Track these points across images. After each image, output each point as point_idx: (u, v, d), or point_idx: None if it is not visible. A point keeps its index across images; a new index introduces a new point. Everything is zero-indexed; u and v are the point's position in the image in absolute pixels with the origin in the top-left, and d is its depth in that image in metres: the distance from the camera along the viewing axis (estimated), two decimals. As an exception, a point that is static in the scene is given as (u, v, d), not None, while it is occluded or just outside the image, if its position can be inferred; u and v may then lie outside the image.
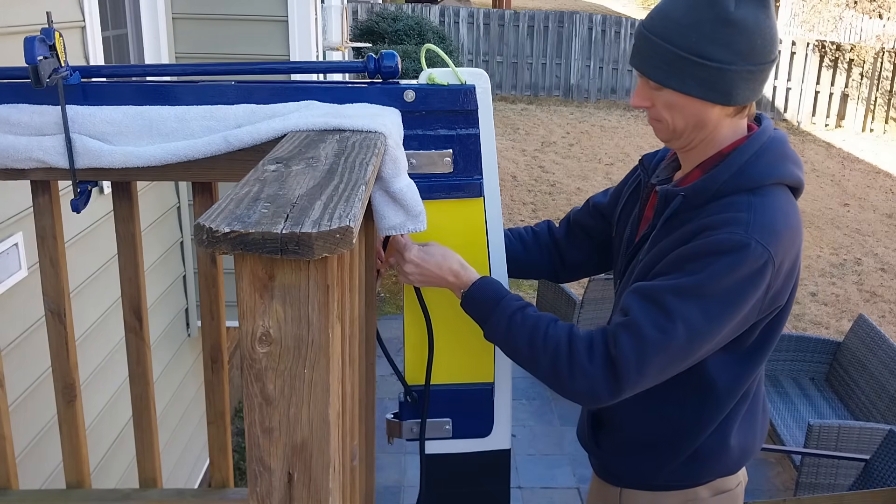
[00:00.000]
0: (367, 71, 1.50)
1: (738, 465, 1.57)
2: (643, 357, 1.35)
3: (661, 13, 1.40)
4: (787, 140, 1.48)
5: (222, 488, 1.79)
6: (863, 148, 11.56)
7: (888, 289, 6.74)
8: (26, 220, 2.12)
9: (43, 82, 1.32)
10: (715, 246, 1.34)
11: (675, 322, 1.34)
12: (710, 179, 1.41)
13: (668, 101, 1.41)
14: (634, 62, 1.44)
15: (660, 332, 1.34)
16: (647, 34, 1.40)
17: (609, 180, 9.31)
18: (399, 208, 1.38)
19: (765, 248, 1.33)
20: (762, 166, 1.40)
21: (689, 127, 1.42)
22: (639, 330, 1.35)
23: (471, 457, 1.73)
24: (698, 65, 1.35)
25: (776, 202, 1.39)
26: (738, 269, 1.33)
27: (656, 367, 1.36)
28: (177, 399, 3.48)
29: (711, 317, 1.34)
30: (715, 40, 1.34)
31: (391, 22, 8.94)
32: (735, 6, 1.34)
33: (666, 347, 1.35)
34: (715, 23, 1.34)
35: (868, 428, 3.43)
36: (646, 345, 1.35)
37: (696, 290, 1.34)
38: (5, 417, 1.63)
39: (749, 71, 1.37)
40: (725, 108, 1.40)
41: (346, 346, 1.16)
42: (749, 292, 1.34)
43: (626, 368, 1.35)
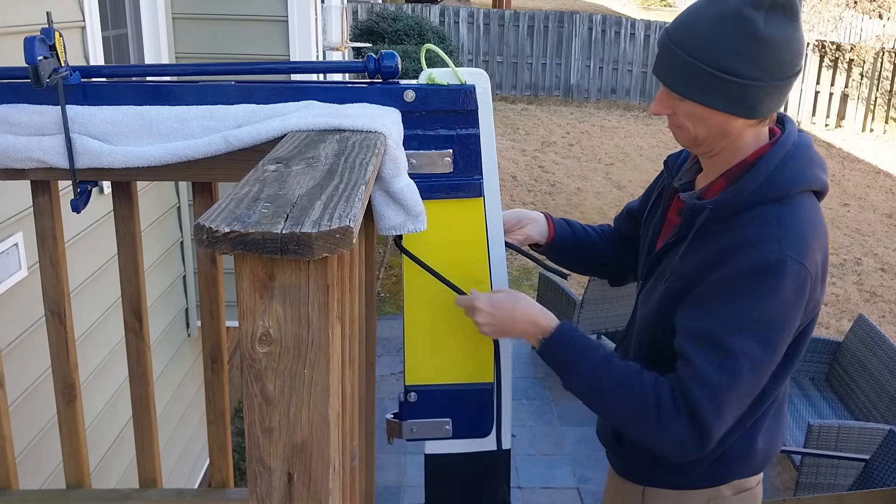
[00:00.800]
0: (367, 71, 1.50)
1: (762, 466, 1.57)
2: (718, 403, 1.35)
3: (686, 25, 1.36)
4: (812, 143, 1.46)
5: (222, 488, 1.79)
6: (863, 148, 11.57)
7: (888, 289, 6.74)
8: (26, 220, 2.12)
9: (43, 82, 1.32)
10: (753, 268, 1.33)
11: (737, 360, 1.34)
12: (737, 191, 1.40)
13: (690, 112, 1.39)
14: (658, 72, 1.41)
15: (726, 374, 1.34)
16: (671, 46, 1.37)
17: (609, 180, 9.31)
18: (399, 208, 1.38)
19: (801, 265, 1.32)
20: (788, 174, 1.39)
21: (712, 136, 1.41)
22: (706, 378, 1.35)
23: (470, 457, 1.73)
24: (724, 80, 1.33)
25: (804, 212, 1.38)
26: (781, 290, 1.32)
27: (733, 407, 1.37)
28: (177, 399, 3.48)
29: (769, 343, 1.35)
30: (743, 56, 1.32)
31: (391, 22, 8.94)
32: (764, 23, 1.31)
33: (736, 387, 1.35)
34: (743, 39, 1.31)
35: (868, 428, 3.42)
36: (717, 390, 1.34)
37: (746, 321, 1.34)
38: (5, 417, 1.63)
39: (775, 86, 1.35)
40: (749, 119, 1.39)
41: (346, 346, 1.16)
42: (796, 309, 1.35)
43: (706, 419, 1.35)
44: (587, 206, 8.35)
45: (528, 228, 1.76)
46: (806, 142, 1.44)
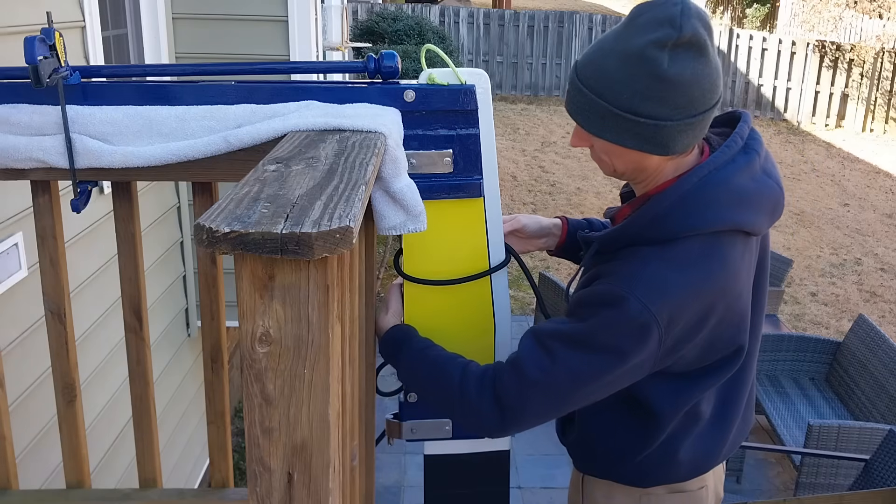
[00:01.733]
0: (367, 71, 1.50)
1: (691, 475, 1.56)
2: (522, 395, 1.38)
3: (594, 64, 1.33)
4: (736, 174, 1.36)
5: (222, 488, 1.79)
6: (863, 148, 11.57)
7: (888, 289, 6.74)
8: (26, 220, 2.12)
9: (43, 82, 1.32)
10: (596, 297, 1.35)
11: (555, 365, 1.36)
12: (620, 231, 1.40)
13: (605, 148, 1.38)
14: (569, 110, 1.39)
15: (540, 372, 1.36)
16: (580, 86, 1.34)
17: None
18: (399, 208, 1.38)
19: (644, 307, 1.29)
20: (678, 218, 1.33)
21: (629, 170, 1.41)
22: (522, 369, 1.38)
23: (470, 458, 1.73)
24: (633, 121, 1.30)
25: (678, 256, 1.33)
26: (617, 324, 1.31)
27: (536, 406, 1.39)
28: (177, 399, 3.48)
29: (592, 366, 1.35)
30: (649, 97, 1.28)
31: (391, 22, 8.94)
32: (669, 62, 1.26)
33: (545, 388, 1.37)
34: (648, 80, 1.27)
35: (868, 428, 3.43)
36: (525, 383, 1.37)
37: (579, 339, 1.35)
38: (5, 417, 1.64)
39: (688, 123, 1.31)
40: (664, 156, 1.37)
41: (346, 346, 1.16)
42: (633, 347, 1.32)
43: (508, 405, 1.39)
44: (587, 206, 8.35)
45: (543, 241, 1.78)
46: (719, 178, 1.34)
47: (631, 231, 1.38)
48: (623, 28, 1.32)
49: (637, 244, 1.37)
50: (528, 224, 1.75)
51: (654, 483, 1.56)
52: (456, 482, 1.76)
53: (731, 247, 1.37)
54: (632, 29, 1.30)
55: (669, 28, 1.25)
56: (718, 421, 1.54)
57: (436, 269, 1.59)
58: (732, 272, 1.37)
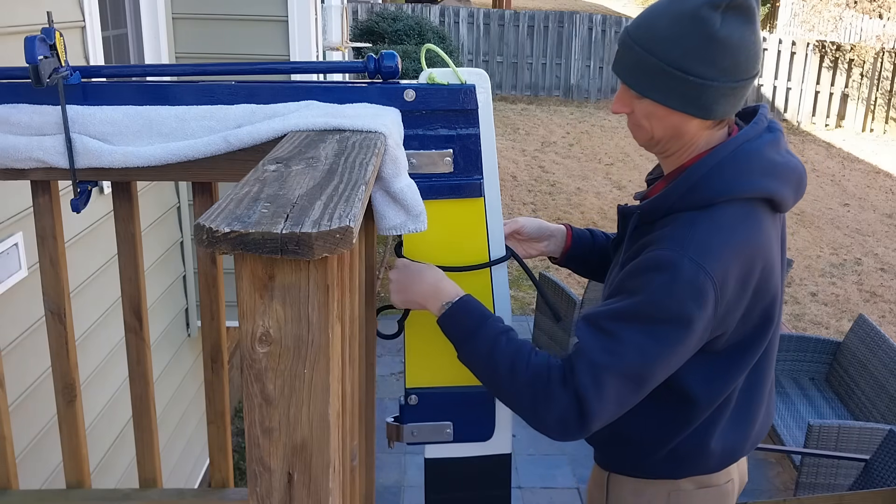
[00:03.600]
0: (367, 71, 1.50)
1: (721, 466, 1.57)
2: (599, 384, 1.35)
3: (646, 23, 1.39)
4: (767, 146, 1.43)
5: (222, 488, 1.79)
6: (863, 148, 11.57)
7: (888, 289, 6.74)
8: (26, 220, 2.12)
9: (43, 82, 1.32)
10: (649, 263, 1.35)
11: (623, 345, 1.34)
12: (662, 197, 1.42)
13: (647, 111, 1.42)
14: (617, 69, 1.43)
15: (609, 356, 1.35)
16: (630, 43, 1.39)
17: (609, 180, 9.31)
18: (399, 208, 1.38)
19: (699, 266, 1.31)
20: (716, 183, 1.38)
21: (667, 136, 1.44)
22: (590, 358, 1.36)
23: (471, 461, 1.72)
24: (680, 79, 1.35)
25: (721, 218, 1.37)
26: (674, 287, 1.32)
27: (614, 393, 1.36)
28: (177, 399, 3.48)
29: (660, 338, 1.34)
30: (699, 56, 1.33)
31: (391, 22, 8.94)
32: (721, 23, 1.33)
33: (618, 371, 1.35)
34: (700, 39, 1.33)
35: (868, 428, 3.42)
36: (599, 371, 1.35)
37: (638, 313, 1.35)
38: (5, 417, 1.64)
39: (731, 87, 1.37)
40: (705, 120, 1.41)
41: (346, 346, 1.16)
42: (694, 311, 1.33)
43: (587, 397, 1.36)
44: (587, 206, 8.35)
45: (544, 245, 1.78)
46: (754, 148, 1.41)
47: (672, 197, 1.40)
48: None
49: (677, 211, 1.40)
50: (526, 225, 1.75)
51: (686, 473, 1.55)
52: (457, 486, 1.75)
53: (763, 215, 1.42)
54: None
55: None
56: (746, 410, 1.54)
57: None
58: (767, 238, 1.42)
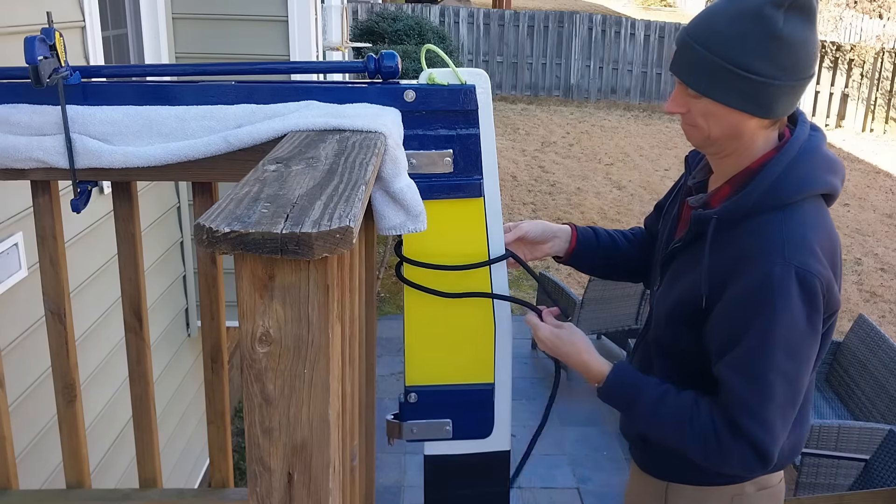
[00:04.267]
0: (367, 71, 1.50)
1: (786, 463, 1.57)
2: (764, 422, 1.38)
3: (705, 22, 1.38)
4: (820, 145, 1.45)
5: (222, 488, 1.79)
6: (863, 148, 11.57)
7: (888, 289, 6.74)
8: (26, 220, 2.12)
9: (43, 82, 1.32)
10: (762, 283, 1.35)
11: (767, 378, 1.36)
12: (741, 200, 1.41)
13: (705, 110, 1.40)
14: (675, 69, 1.42)
15: (762, 395, 1.37)
16: (690, 42, 1.38)
17: (609, 180, 9.31)
18: (399, 208, 1.38)
19: (807, 272, 1.33)
20: (792, 181, 1.39)
21: (725, 136, 1.42)
22: (745, 403, 1.38)
23: (470, 458, 1.72)
24: (742, 77, 1.34)
25: (807, 217, 1.39)
26: (792, 301, 1.33)
27: (780, 420, 1.39)
28: (177, 399, 3.48)
29: (793, 354, 1.37)
30: (761, 54, 1.33)
31: (391, 22, 8.94)
32: (784, 22, 1.32)
33: (773, 402, 1.38)
34: (762, 37, 1.32)
35: (868, 428, 3.42)
36: (758, 412, 1.37)
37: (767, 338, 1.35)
38: (5, 417, 1.64)
39: (791, 86, 1.36)
40: (763, 120, 1.40)
41: (346, 346, 1.16)
42: (812, 315, 1.36)
43: (759, 440, 1.38)
44: (587, 206, 8.35)
45: (548, 246, 1.77)
46: (813, 146, 1.43)
47: (752, 199, 1.40)
48: None
49: (759, 213, 1.40)
50: (530, 230, 1.74)
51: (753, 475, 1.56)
52: (456, 483, 1.76)
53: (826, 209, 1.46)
54: None
55: None
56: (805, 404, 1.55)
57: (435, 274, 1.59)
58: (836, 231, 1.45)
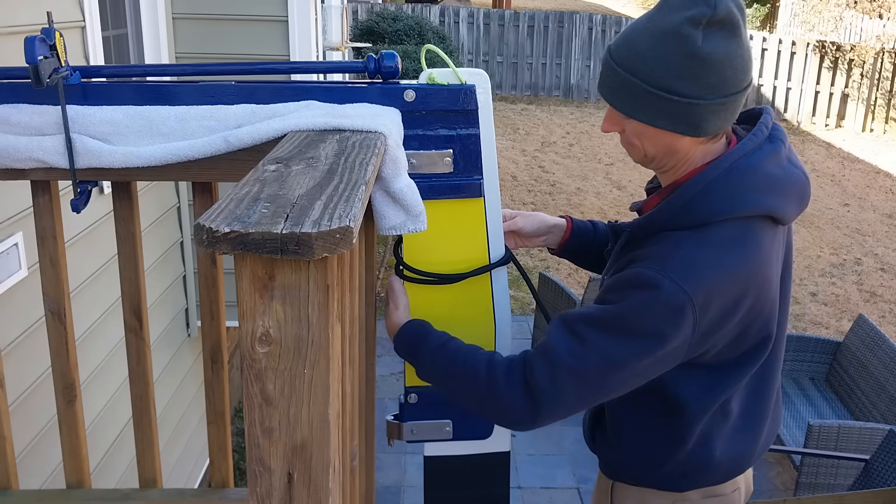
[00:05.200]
0: (367, 71, 1.50)
1: (728, 477, 1.56)
2: (556, 381, 1.36)
3: (626, 43, 1.35)
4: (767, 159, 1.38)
5: (222, 488, 1.79)
6: (863, 148, 11.56)
7: (888, 289, 6.74)
8: (26, 220, 2.12)
9: (43, 82, 1.32)
10: (630, 279, 1.34)
11: (587, 349, 1.34)
12: (651, 217, 1.40)
13: (637, 130, 1.38)
14: (602, 91, 1.40)
15: (573, 357, 1.35)
16: (612, 64, 1.36)
17: (609, 180, 9.31)
18: (399, 208, 1.38)
19: (680, 288, 1.29)
20: (709, 203, 1.35)
21: (661, 153, 1.41)
22: (553, 356, 1.36)
23: (470, 459, 1.72)
24: (665, 99, 1.31)
25: (712, 241, 1.34)
26: (652, 305, 1.31)
27: (572, 393, 1.37)
28: (177, 399, 3.48)
29: (627, 350, 1.33)
30: (682, 75, 1.29)
31: (391, 22, 8.94)
32: (703, 40, 1.28)
33: (579, 374, 1.35)
34: (682, 57, 1.28)
35: (868, 428, 3.43)
36: (559, 369, 1.35)
37: (612, 323, 1.34)
38: (5, 417, 1.64)
39: (720, 103, 1.32)
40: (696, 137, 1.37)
41: (346, 346, 1.16)
42: (668, 331, 1.31)
43: (541, 392, 1.36)
44: (587, 205, 8.35)
45: (543, 238, 1.77)
46: (751, 163, 1.37)
47: (663, 217, 1.38)
48: (657, 9, 1.34)
49: (669, 230, 1.37)
50: (524, 226, 1.74)
51: (692, 486, 1.54)
52: (456, 484, 1.76)
53: (762, 233, 1.38)
54: (666, 9, 1.31)
55: (704, 6, 1.28)
56: (750, 419, 1.53)
57: (436, 270, 1.59)
58: (764, 258, 1.38)
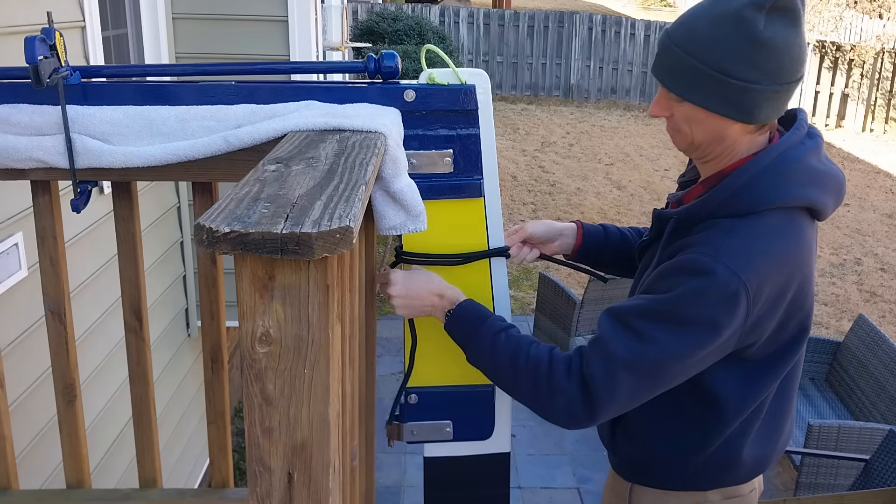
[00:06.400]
0: (367, 71, 1.50)
1: (751, 476, 1.56)
2: (611, 376, 1.35)
3: (686, 25, 1.35)
4: (809, 154, 1.40)
5: (222, 488, 1.79)
6: (863, 148, 11.56)
7: (888, 289, 6.74)
8: (26, 220, 2.12)
9: (43, 82, 1.32)
10: (683, 266, 1.34)
11: (643, 343, 1.34)
12: (701, 204, 1.40)
13: (688, 114, 1.38)
14: (656, 72, 1.40)
15: (628, 351, 1.34)
16: (671, 45, 1.36)
17: (609, 180, 9.31)
18: (399, 208, 1.38)
19: (734, 274, 1.29)
20: (758, 191, 1.36)
21: (708, 140, 1.40)
22: (608, 350, 1.35)
23: (470, 460, 1.72)
24: (722, 82, 1.32)
25: (761, 228, 1.35)
26: (706, 293, 1.30)
27: (627, 388, 1.36)
28: (177, 399, 3.48)
29: (681, 340, 1.33)
30: (742, 58, 1.30)
31: (391, 22, 8.94)
32: (764, 25, 1.29)
33: (635, 367, 1.35)
34: (743, 41, 1.29)
35: (868, 428, 3.42)
36: (614, 364, 1.35)
37: (665, 312, 1.33)
38: (5, 417, 1.64)
39: (774, 91, 1.33)
40: (747, 125, 1.37)
41: (346, 346, 1.16)
42: (722, 318, 1.31)
43: (596, 388, 1.36)
44: (587, 205, 8.35)
45: (556, 245, 1.76)
46: (796, 155, 1.39)
47: (713, 204, 1.38)
48: None
49: (717, 217, 1.37)
50: (535, 232, 1.74)
51: (717, 485, 1.54)
52: (456, 484, 1.75)
53: (805, 224, 1.40)
54: None
55: None
56: (775, 417, 1.53)
57: (436, 270, 1.59)
58: (807, 249, 1.40)
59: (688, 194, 1.50)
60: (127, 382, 1.69)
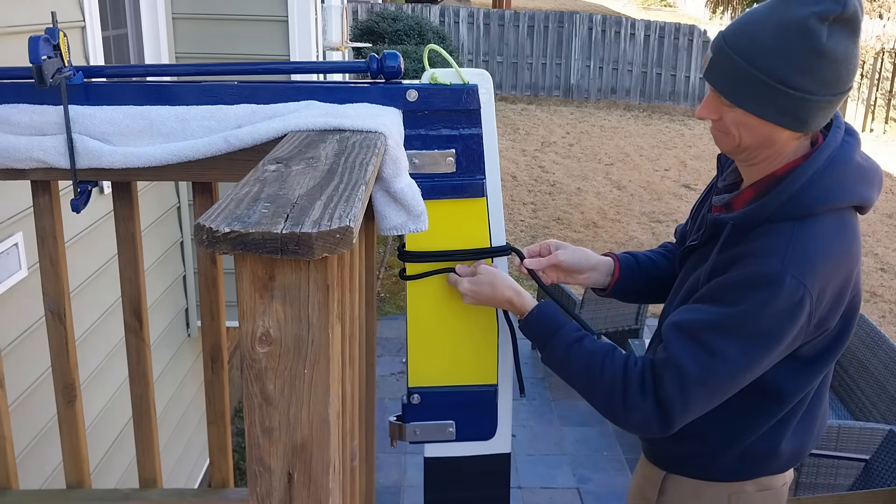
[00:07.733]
0: (369, 71, 1.50)
1: (788, 467, 1.58)
2: (686, 394, 1.38)
3: (745, 31, 1.34)
4: (854, 151, 1.41)
5: (222, 488, 1.79)
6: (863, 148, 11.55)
7: (888, 289, 6.73)
8: (26, 220, 2.12)
9: (46, 82, 1.32)
10: (750, 278, 1.34)
11: (714, 359, 1.36)
12: (759, 208, 1.39)
13: (738, 119, 1.38)
14: (711, 77, 1.39)
15: (700, 369, 1.37)
16: (728, 51, 1.35)
17: (609, 180, 9.31)
18: (400, 208, 1.38)
19: (800, 283, 1.31)
20: (814, 193, 1.36)
21: (756, 145, 1.39)
22: (680, 368, 1.38)
23: (471, 460, 1.72)
24: (781, 92, 1.31)
25: (821, 231, 1.36)
26: (773, 304, 1.32)
27: (700, 401, 1.40)
28: (177, 399, 3.48)
29: (751, 353, 1.36)
30: (803, 70, 1.30)
31: (391, 22, 8.94)
32: (828, 36, 1.28)
33: (709, 383, 1.38)
34: (805, 51, 1.29)
35: (868, 428, 3.42)
36: (688, 382, 1.37)
37: (734, 326, 1.35)
38: (5, 417, 1.63)
39: (828, 100, 1.33)
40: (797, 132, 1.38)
41: (346, 346, 1.16)
42: (788, 326, 1.34)
43: (672, 406, 1.39)
44: (587, 206, 8.35)
45: (584, 277, 1.72)
46: (845, 155, 1.40)
47: (770, 208, 1.38)
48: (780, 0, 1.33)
49: (774, 221, 1.38)
50: (565, 259, 1.69)
51: (755, 475, 1.56)
52: (456, 485, 1.75)
53: (854, 222, 1.42)
54: (792, 1, 1.31)
55: (833, 3, 1.28)
56: (813, 409, 1.55)
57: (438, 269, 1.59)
58: (859, 246, 1.42)
59: (736, 198, 1.49)
60: (127, 382, 1.69)
